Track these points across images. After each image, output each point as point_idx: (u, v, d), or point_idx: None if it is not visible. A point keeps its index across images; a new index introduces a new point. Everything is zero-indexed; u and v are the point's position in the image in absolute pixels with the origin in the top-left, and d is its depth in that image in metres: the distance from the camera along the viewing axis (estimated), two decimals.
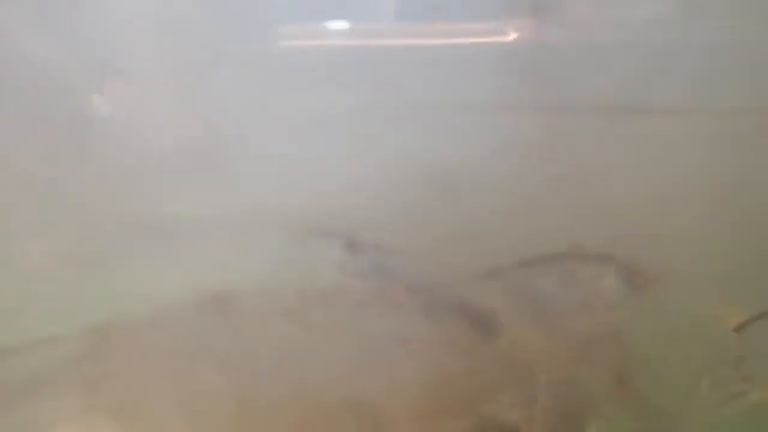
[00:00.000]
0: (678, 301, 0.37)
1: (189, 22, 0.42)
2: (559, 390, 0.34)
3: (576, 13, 0.43)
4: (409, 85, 0.46)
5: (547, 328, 0.34)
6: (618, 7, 0.42)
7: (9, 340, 0.31)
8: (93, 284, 0.34)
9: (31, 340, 0.31)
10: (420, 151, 0.43)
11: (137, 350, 0.31)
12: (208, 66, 0.42)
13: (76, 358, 0.31)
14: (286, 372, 0.32)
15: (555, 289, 0.35)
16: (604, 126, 0.42)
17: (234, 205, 0.38)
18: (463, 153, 0.43)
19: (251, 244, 0.36)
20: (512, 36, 0.47)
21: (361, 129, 0.44)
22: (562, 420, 0.34)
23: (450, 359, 0.33)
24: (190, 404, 0.31)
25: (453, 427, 0.33)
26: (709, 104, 0.40)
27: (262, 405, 0.32)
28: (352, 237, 0.35)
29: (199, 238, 0.36)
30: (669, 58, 0.43)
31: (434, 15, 0.44)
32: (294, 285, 0.34)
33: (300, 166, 0.42)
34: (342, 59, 0.46)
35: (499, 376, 0.34)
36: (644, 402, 0.35)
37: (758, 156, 0.40)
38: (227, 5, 0.42)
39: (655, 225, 0.38)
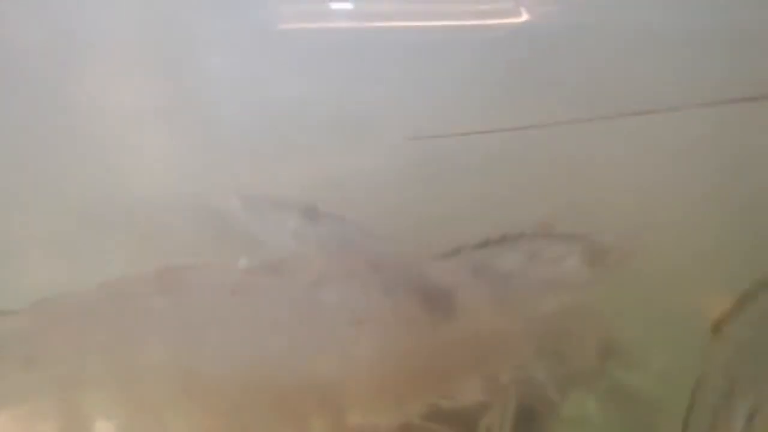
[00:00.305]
0: (655, 288, 0.35)
1: (179, 3, 0.42)
2: (519, 376, 0.33)
3: None
4: (416, 69, 0.45)
5: (506, 309, 0.33)
6: None
7: None
8: (47, 263, 0.35)
9: None
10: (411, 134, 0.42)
11: (79, 325, 0.31)
12: (200, 50, 0.42)
13: (17, 332, 0.31)
14: (235, 348, 0.32)
15: (517, 268, 0.34)
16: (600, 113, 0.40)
17: (199, 181, 0.38)
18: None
19: (206, 217, 0.36)
20: (523, 17, 0.46)
21: (357, 114, 0.43)
22: (524, 405, 0.33)
23: (406, 339, 0.32)
24: (134, 380, 0.31)
25: (411, 409, 0.33)
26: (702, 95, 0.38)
27: (210, 382, 0.31)
28: (311, 207, 0.35)
29: (161, 216, 0.36)
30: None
31: None
32: (246, 257, 0.33)
33: (285, 149, 0.41)
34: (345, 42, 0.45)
35: (457, 358, 0.33)
36: (621, 390, 0.34)
37: (749, 145, 0.38)
38: None
39: (636, 212, 0.37)
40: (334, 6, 0.48)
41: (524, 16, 0.46)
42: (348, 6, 0.48)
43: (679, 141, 0.39)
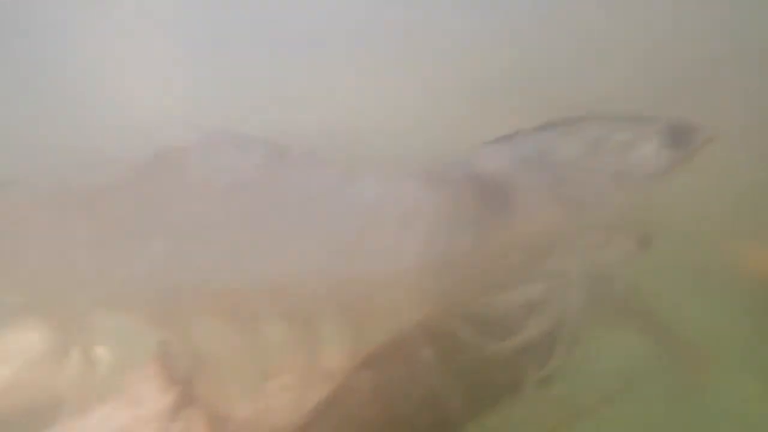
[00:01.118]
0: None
1: None
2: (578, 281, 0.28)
3: None
4: None
5: (568, 203, 0.28)
6: None
7: None
8: None
9: None
10: None
11: None
12: None
13: None
14: (241, 252, 0.26)
15: (581, 156, 0.29)
16: None
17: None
18: None
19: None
20: None
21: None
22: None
23: (454, 236, 0.27)
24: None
25: (457, 312, 0.28)
26: None
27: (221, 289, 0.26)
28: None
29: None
30: None
31: None
32: None
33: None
34: None
35: (512, 256, 0.28)
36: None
37: None
38: None
39: (707, 83, 0.32)
40: None
41: None
42: None
43: None
